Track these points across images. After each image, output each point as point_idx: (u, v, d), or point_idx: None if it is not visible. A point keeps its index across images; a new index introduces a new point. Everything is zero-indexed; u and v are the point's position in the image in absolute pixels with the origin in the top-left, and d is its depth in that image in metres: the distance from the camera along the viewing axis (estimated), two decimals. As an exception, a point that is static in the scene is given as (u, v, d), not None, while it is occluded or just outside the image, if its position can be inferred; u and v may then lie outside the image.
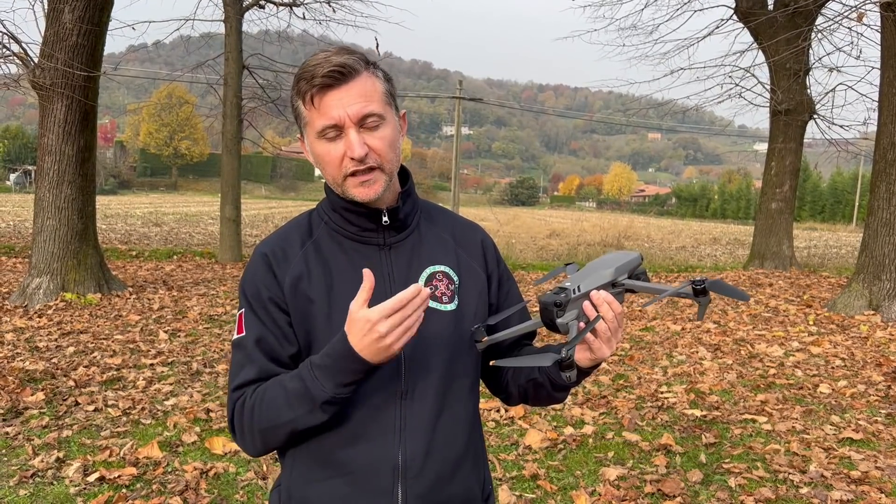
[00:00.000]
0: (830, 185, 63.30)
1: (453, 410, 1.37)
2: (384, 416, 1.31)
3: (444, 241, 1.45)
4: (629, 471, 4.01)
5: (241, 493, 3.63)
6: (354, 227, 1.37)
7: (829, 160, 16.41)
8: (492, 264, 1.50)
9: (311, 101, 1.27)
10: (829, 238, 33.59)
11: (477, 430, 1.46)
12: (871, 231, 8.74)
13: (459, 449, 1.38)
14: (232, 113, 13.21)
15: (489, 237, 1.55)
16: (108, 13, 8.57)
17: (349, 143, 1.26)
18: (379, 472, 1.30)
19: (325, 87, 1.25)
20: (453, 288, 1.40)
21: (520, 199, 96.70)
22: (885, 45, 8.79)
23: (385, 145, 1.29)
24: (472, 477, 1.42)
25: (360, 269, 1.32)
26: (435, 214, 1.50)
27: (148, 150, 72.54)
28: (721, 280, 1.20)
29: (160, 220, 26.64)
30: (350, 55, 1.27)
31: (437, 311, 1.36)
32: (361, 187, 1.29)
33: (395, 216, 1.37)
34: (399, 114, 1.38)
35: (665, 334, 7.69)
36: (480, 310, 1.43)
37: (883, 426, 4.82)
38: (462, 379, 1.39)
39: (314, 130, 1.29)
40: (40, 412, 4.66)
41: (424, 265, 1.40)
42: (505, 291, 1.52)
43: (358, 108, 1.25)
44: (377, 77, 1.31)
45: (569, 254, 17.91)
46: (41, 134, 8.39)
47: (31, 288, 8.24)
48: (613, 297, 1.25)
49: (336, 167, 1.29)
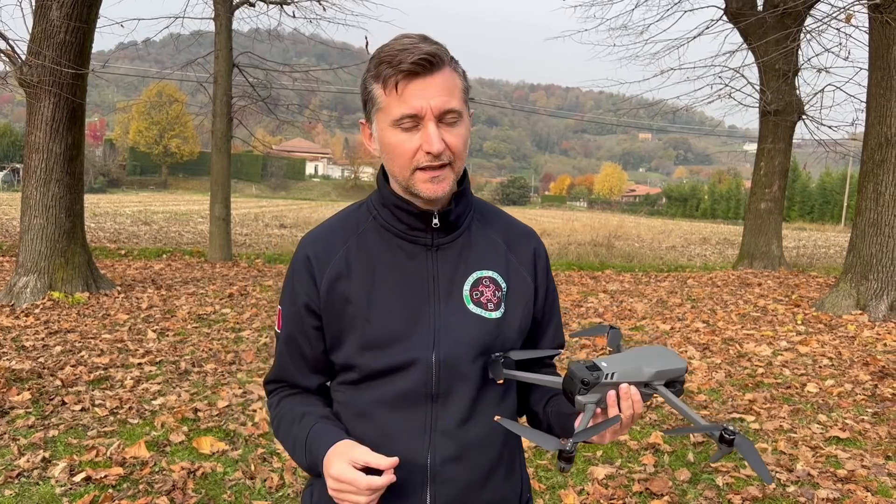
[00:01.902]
0: (819, 186, 63.65)
1: (486, 417, 1.33)
2: (414, 418, 1.29)
3: (495, 245, 1.40)
4: (617, 470, 4.02)
5: (228, 493, 3.61)
6: (403, 226, 1.33)
7: (818, 160, 16.52)
8: (541, 275, 1.44)
9: (393, 87, 1.20)
10: (818, 238, 33.79)
11: (514, 438, 1.41)
12: (859, 231, 8.79)
13: (493, 456, 1.35)
14: (222, 111, 13.15)
15: (543, 246, 1.48)
16: (96, 10, 8.50)
17: (427, 137, 1.21)
18: (408, 475, 1.28)
19: (410, 75, 1.19)
20: (500, 295, 1.35)
21: (511, 198, 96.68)
22: (872, 47, 8.84)
23: (461, 144, 1.25)
24: (507, 485, 1.39)
25: (404, 269, 1.32)
26: (489, 216, 1.44)
27: (137, 148, 72.09)
28: (752, 444, 1.11)
29: (149, 218, 26.50)
30: (436, 45, 1.22)
31: (481, 318, 1.32)
32: (430, 183, 1.24)
33: (445, 218, 1.32)
34: (470, 113, 1.33)
35: (654, 333, 7.72)
36: (525, 321, 1.38)
37: (869, 425, 4.85)
38: (497, 386, 1.35)
39: (389, 118, 1.23)
40: (26, 412, 4.63)
41: (472, 269, 1.35)
42: (549, 306, 1.47)
43: (441, 102, 1.20)
44: (457, 73, 1.26)
45: (559, 253, 17.92)
46: (29, 131, 8.32)
47: (18, 287, 8.18)
48: (640, 398, 1.18)
49: (407, 159, 1.24)
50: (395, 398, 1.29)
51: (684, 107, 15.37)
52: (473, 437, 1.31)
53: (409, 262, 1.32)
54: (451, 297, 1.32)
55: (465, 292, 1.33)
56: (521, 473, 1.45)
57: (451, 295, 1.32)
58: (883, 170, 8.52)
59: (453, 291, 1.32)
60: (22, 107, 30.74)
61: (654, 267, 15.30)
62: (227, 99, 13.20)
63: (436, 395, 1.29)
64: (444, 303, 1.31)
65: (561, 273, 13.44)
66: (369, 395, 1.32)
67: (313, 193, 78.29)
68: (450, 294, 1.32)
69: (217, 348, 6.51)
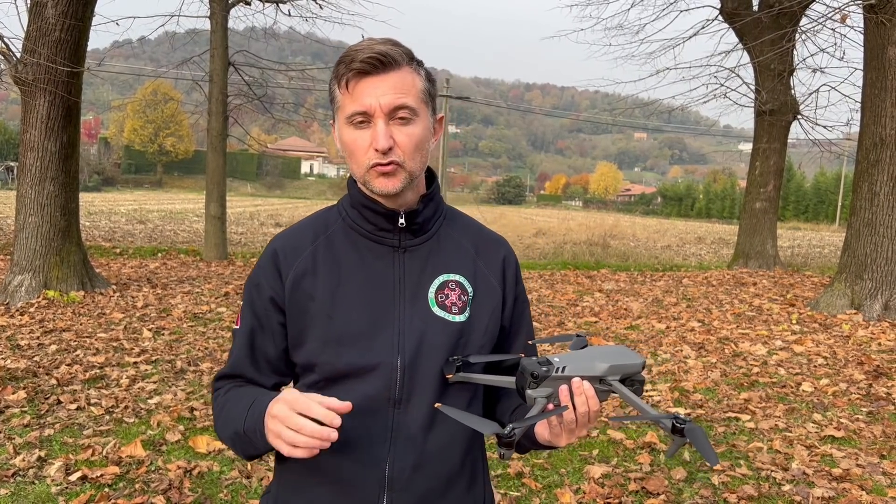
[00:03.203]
0: (814, 185, 63.80)
1: (447, 425, 1.29)
2: (375, 425, 1.27)
3: (463, 250, 1.39)
4: (613, 469, 4.03)
5: (224, 492, 3.61)
6: (371, 226, 1.33)
7: (813, 160, 16.58)
8: (510, 283, 1.43)
9: (345, 86, 1.24)
10: (813, 237, 33.90)
11: (477, 448, 1.39)
12: (854, 231, 8.83)
13: (454, 465, 1.33)
14: (217, 110, 13.13)
15: (513, 254, 1.47)
16: (91, 8, 8.48)
17: (374, 134, 1.23)
18: (365, 482, 1.27)
19: (361, 73, 1.22)
20: (465, 299, 1.34)
21: (506, 197, 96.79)
22: (867, 47, 8.87)
23: (411, 143, 1.25)
24: (467, 498, 1.36)
25: (370, 269, 1.31)
26: (459, 222, 1.44)
27: (132, 146, 71.87)
28: (702, 430, 1.12)
29: (145, 217, 26.43)
30: (395, 47, 1.24)
31: (444, 321, 1.31)
32: (382, 178, 1.25)
33: (412, 219, 1.32)
34: (435, 116, 1.34)
35: (650, 333, 7.73)
36: (492, 327, 1.37)
37: (864, 424, 4.87)
38: (460, 393, 1.33)
39: (344, 115, 1.26)
40: (22, 411, 4.61)
41: (438, 272, 1.34)
42: (518, 314, 1.45)
43: (390, 99, 1.22)
44: (418, 74, 1.27)
45: (554, 252, 17.94)
46: (23, 130, 8.29)
47: (12, 285, 8.15)
48: (594, 394, 1.15)
49: (361, 156, 1.26)
50: (356, 403, 1.22)
51: (680, 106, 15.41)
52: (434, 444, 1.29)
53: (375, 263, 1.32)
54: (417, 299, 1.31)
55: (431, 295, 1.32)
56: (483, 485, 1.42)
57: (417, 297, 1.31)
58: (878, 169, 8.55)
59: (419, 294, 1.32)
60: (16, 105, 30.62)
61: (649, 266, 15.32)
62: (223, 97, 13.17)
63: (399, 400, 1.27)
64: (410, 304, 1.30)
65: (556, 272, 13.46)
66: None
67: (309, 192, 78.17)
68: (415, 296, 1.31)
69: (213, 347, 6.50)
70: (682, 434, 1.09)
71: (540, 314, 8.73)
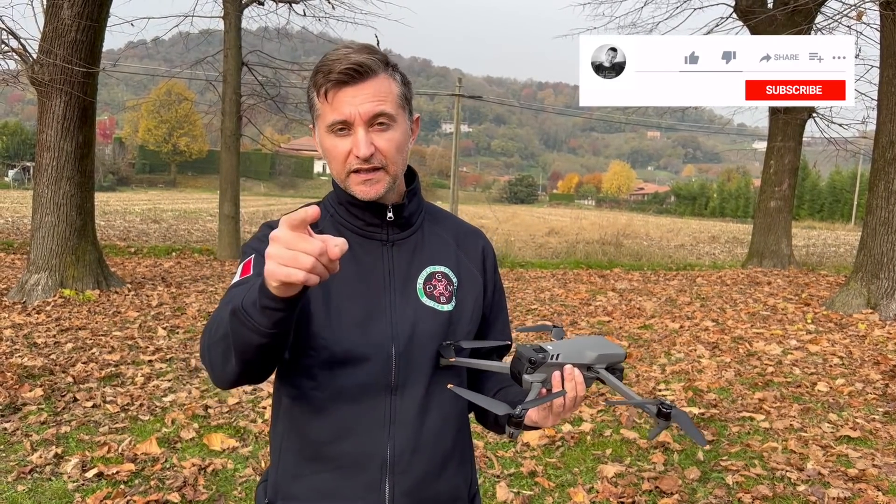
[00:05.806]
0: (829, 184, 63.30)
1: (442, 408, 1.38)
2: (374, 411, 1.32)
3: (445, 243, 1.47)
4: (627, 468, 4.02)
5: (238, 489, 3.63)
6: (359, 222, 1.38)
7: (828, 159, 16.44)
8: (490, 272, 1.51)
9: (324, 96, 1.28)
10: (828, 237, 33.60)
11: (465, 430, 1.48)
12: (870, 230, 8.74)
13: (447, 447, 1.40)
14: (231, 110, 13.20)
15: (490, 245, 1.56)
16: (106, 9, 8.55)
17: (356, 142, 1.27)
18: (367, 466, 1.32)
19: (339, 84, 1.26)
20: (451, 289, 1.42)
21: (519, 196, 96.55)
22: (884, 44, 8.78)
23: (392, 147, 1.30)
24: (458, 476, 1.44)
25: (360, 263, 1.35)
26: (439, 217, 1.52)
27: (147, 146, 72.33)
28: (687, 415, 1.19)
29: (159, 216, 26.61)
30: (370, 55, 1.28)
31: (434, 310, 1.37)
32: (363, 185, 1.30)
33: (399, 213, 1.38)
34: (412, 118, 1.39)
35: (663, 332, 7.70)
36: (476, 314, 1.45)
37: (880, 424, 4.83)
38: (452, 379, 1.39)
39: (324, 124, 1.30)
40: (38, 408, 4.66)
41: (425, 264, 1.41)
42: (497, 302, 1.54)
43: (369, 108, 1.26)
44: (394, 79, 1.32)
45: (567, 251, 17.89)
46: (40, 130, 8.37)
47: (29, 284, 8.23)
48: (583, 380, 1.25)
49: (341, 163, 1.30)
50: (355, 391, 1.31)
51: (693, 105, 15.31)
52: (430, 428, 1.36)
53: (365, 257, 1.37)
54: (407, 290, 1.37)
55: (419, 286, 1.39)
56: (471, 465, 1.50)
57: (407, 288, 1.37)
58: (894, 168, 8.47)
59: (408, 285, 1.38)
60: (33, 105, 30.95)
61: (662, 265, 15.25)
62: (236, 97, 13.24)
63: (395, 387, 1.33)
64: (400, 295, 1.36)
65: (569, 271, 13.43)
66: (328, 388, 1.32)
67: (321, 192, 78.18)
68: (405, 287, 1.37)
69: (227, 346, 6.54)
70: (667, 418, 1.17)
71: (552, 314, 8.71)
